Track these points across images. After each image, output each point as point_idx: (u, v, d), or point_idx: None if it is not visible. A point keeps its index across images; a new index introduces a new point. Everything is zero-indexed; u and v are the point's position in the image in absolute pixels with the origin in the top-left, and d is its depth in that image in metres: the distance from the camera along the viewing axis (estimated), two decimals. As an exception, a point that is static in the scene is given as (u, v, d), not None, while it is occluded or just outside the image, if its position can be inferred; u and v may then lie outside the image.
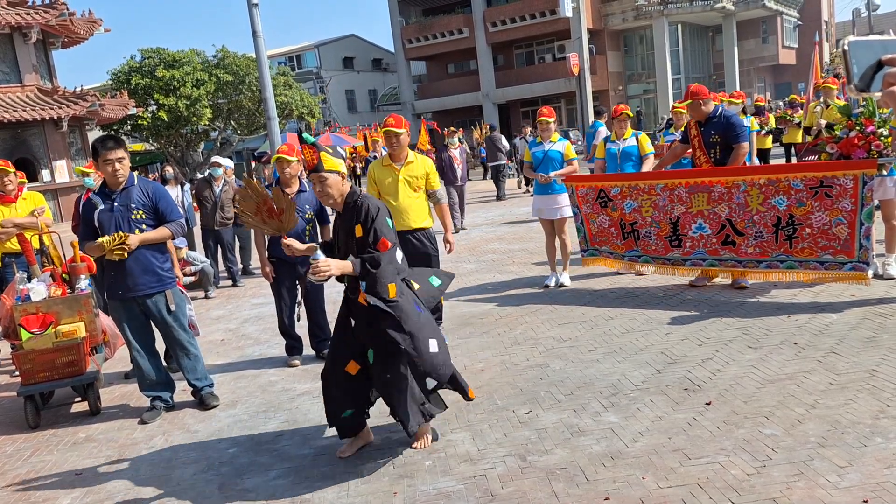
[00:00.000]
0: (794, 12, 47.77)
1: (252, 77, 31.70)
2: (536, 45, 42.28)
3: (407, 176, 5.61)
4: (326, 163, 3.67)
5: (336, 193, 3.72)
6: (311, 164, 3.66)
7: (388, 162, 5.68)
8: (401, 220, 5.44)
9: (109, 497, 3.82)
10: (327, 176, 3.68)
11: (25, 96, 21.90)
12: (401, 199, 5.58)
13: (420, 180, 5.65)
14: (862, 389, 3.97)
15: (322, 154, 3.66)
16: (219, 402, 5.07)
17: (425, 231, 5.67)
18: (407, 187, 5.60)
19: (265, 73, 16.03)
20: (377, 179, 5.70)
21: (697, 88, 6.40)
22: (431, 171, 5.73)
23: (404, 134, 5.54)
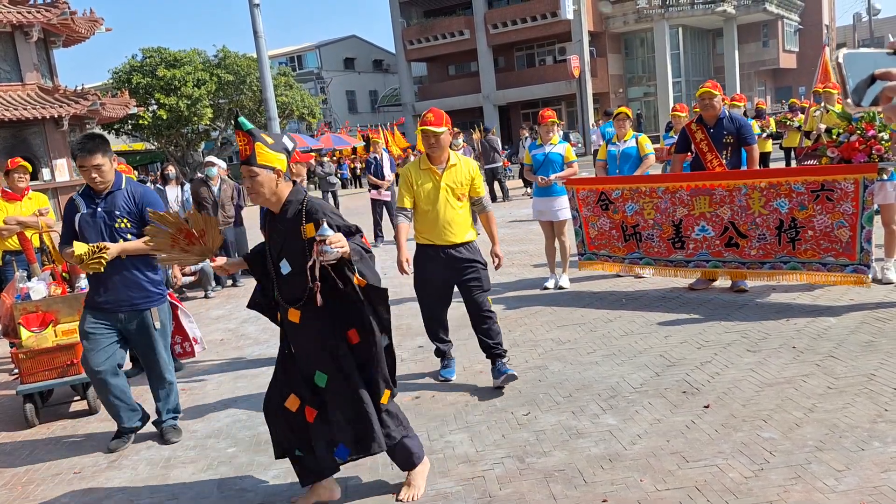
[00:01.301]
0: (794, 16, 47.83)
1: (253, 77, 31.70)
2: (537, 48, 42.31)
3: (450, 182, 4.73)
4: (260, 155, 3.08)
5: (268, 192, 3.14)
6: (242, 154, 3.10)
7: (428, 164, 4.75)
8: (441, 234, 4.70)
9: (108, 496, 3.83)
10: (258, 171, 3.09)
11: (26, 95, 21.90)
12: (442, 209, 4.69)
13: (464, 187, 4.78)
14: (860, 393, 3.98)
15: (257, 144, 3.08)
16: (180, 437, 4.50)
17: (469, 245, 4.80)
18: (450, 195, 4.72)
19: (266, 74, 16.05)
20: (416, 185, 4.76)
21: (715, 84, 6.40)
22: (476, 175, 4.87)
23: (445, 133, 4.64)
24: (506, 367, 4.68)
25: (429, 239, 4.74)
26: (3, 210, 6.32)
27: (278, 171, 3.15)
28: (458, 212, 4.74)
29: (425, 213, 4.74)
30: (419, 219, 4.78)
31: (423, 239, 4.78)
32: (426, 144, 4.67)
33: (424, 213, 4.74)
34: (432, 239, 4.72)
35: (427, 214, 4.73)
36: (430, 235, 4.74)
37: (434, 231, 4.71)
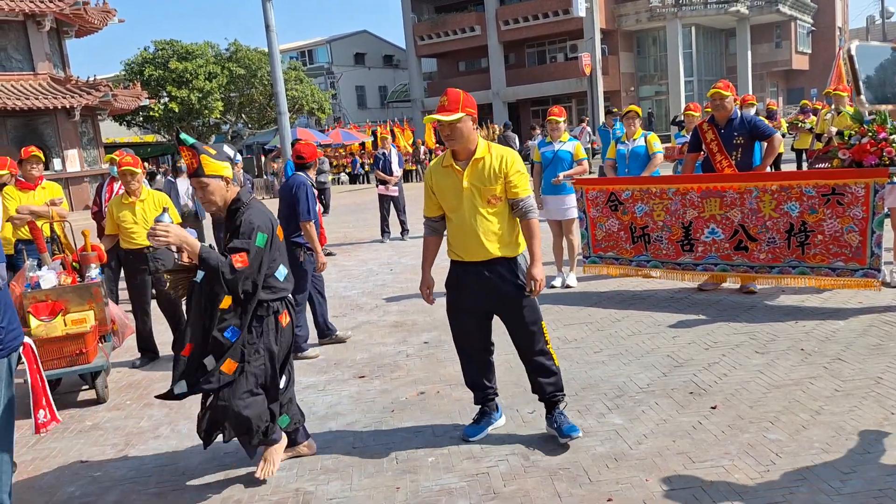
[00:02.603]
0: (808, 18, 47.57)
1: (264, 71, 31.77)
2: (548, 45, 42.22)
3: (475, 181, 3.68)
4: (207, 167, 3.38)
5: (219, 199, 3.46)
6: (190, 168, 3.40)
7: (449, 161, 3.74)
8: (469, 248, 3.72)
9: (115, 485, 3.85)
10: (208, 182, 3.40)
11: (38, 85, 22.00)
12: (467, 215, 3.69)
13: (495, 186, 3.67)
14: (867, 396, 3.97)
15: (203, 157, 3.37)
16: None
17: (510, 262, 3.74)
18: (476, 197, 3.68)
19: (277, 68, 16.08)
20: (436, 188, 3.82)
21: (727, 84, 6.38)
22: (512, 169, 3.68)
23: (462, 120, 3.62)
24: (569, 424, 3.80)
25: (458, 254, 3.80)
26: (17, 199, 6.36)
27: (226, 179, 3.44)
28: (490, 218, 3.69)
29: (450, 222, 3.82)
30: (448, 228, 3.88)
31: (452, 253, 3.85)
32: (442, 136, 3.71)
33: (450, 221, 3.83)
34: (460, 254, 3.78)
35: (452, 223, 3.80)
36: (459, 249, 3.79)
37: (461, 244, 3.76)
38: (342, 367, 5.41)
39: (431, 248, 3.99)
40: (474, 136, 3.69)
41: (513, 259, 3.75)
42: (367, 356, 5.65)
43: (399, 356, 5.60)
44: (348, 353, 5.79)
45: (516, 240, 3.77)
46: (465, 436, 3.97)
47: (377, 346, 5.88)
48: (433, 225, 3.95)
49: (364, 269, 9.53)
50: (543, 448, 3.76)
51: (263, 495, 3.57)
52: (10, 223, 6.36)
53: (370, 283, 8.58)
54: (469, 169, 3.69)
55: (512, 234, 3.75)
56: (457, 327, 3.97)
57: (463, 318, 3.90)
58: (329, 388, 5.02)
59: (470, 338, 3.95)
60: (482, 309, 3.86)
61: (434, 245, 3.98)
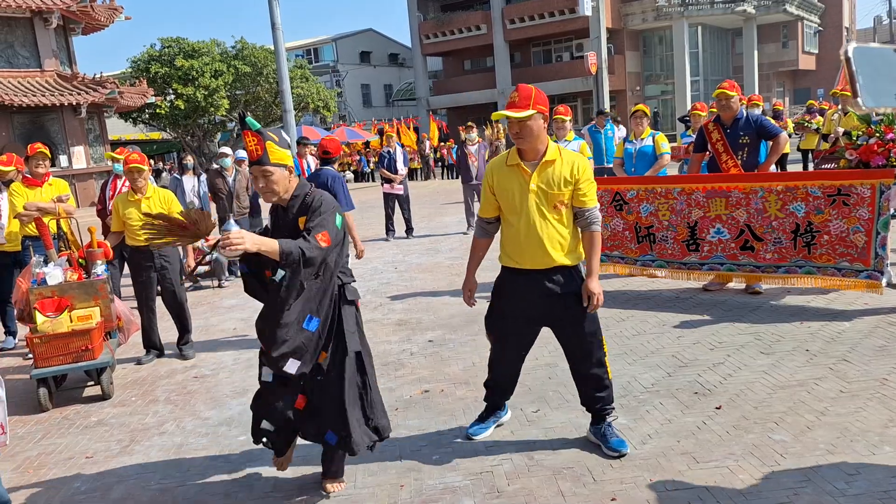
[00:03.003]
0: (815, 18, 47.41)
1: (270, 69, 31.80)
2: (554, 44, 42.14)
3: (542, 184, 3.47)
4: (273, 154, 3.08)
5: (282, 190, 3.15)
6: (253, 155, 3.08)
7: (516, 160, 3.53)
8: (529, 255, 3.52)
9: (120, 481, 3.87)
10: (273, 170, 3.10)
11: (45, 81, 22.06)
12: (530, 221, 3.49)
13: (564, 191, 3.47)
14: (872, 398, 3.96)
15: (268, 144, 3.07)
16: None
17: (569, 271, 3.57)
18: (542, 202, 3.48)
19: (283, 66, 16.10)
20: (498, 188, 3.59)
21: (732, 84, 6.36)
22: (584, 176, 3.50)
23: (532, 117, 3.39)
24: (618, 438, 3.66)
25: (514, 260, 3.60)
26: (24, 196, 6.38)
27: (290, 168, 3.18)
28: (555, 225, 3.49)
29: (509, 225, 3.59)
30: (503, 231, 3.67)
31: (506, 259, 3.66)
32: (510, 134, 3.49)
33: (509, 225, 3.59)
34: (519, 260, 3.58)
35: (511, 227, 3.57)
36: (515, 255, 3.59)
37: (520, 250, 3.54)
38: (347, 364, 5.41)
39: (480, 250, 3.83)
40: (544, 135, 3.49)
41: (574, 268, 3.58)
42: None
43: (403, 354, 5.60)
44: (353, 351, 5.79)
45: (577, 248, 3.58)
46: (470, 434, 3.88)
47: (381, 345, 5.89)
48: (486, 227, 3.77)
49: (369, 268, 9.54)
50: (547, 447, 3.76)
51: (267, 493, 3.58)
52: (17, 220, 6.39)
53: (375, 282, 8.59)
54: (538, 171, 3.47)
55: (574, 243, 3.57)
56: (500, 335, 3.79)
57: (510, 326, 3.72)
58: (333, 385, 5.02)
59: (509, 349, 3.79)
60: (535, 319, 3.68)
61: (483, 247, 3.82)
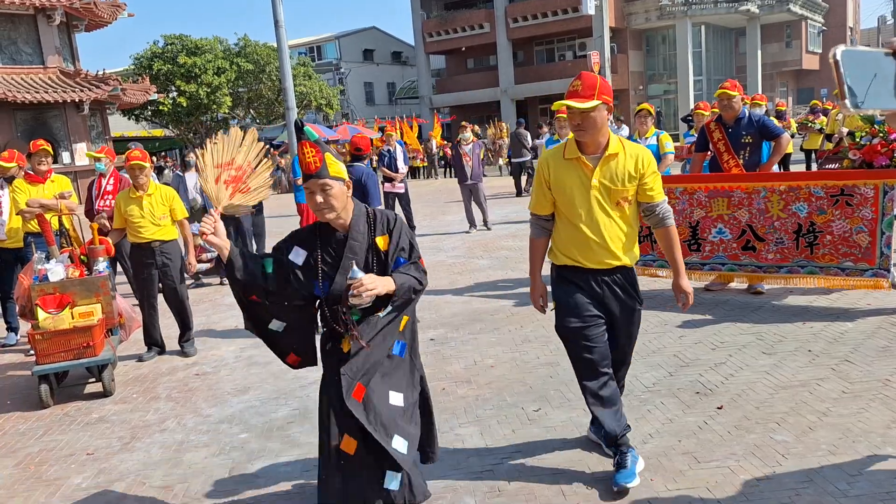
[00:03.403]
0: (818, 18, 47.30)
1: (272, 66, 31.79)
2: (557, 43, 42.10)
3: (605, 179, 3.23)
4: (331, 167, 2.74)
5: (339, 206, 2.76)
6: (311, 168, 2.73)
7: (575, 152, 3.28)
8: (591, 253, 3.28)
9: (120, 478, 3.87)
10: (333, 183, 2.73)
11: (48, 78, 22.06)
12: (594, 217, 3.24)
13: (628, 187, 3.24)
14: (875, 399, 3.95)
15: (327, 155, 2.75)
16: None
17: (628, 272, 3.38)
18: (604, 198, 3.24)
19: (286, 63, 16.08)
20: (555, 183, 3.32)
21: (734, 83, 6.34)
22: (649, 168, 3.27)
23: (596, 108, 3.14)
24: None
25: (574, 259, 3.33)
26: (27, 192, 6.39)
27: (347, 183, 2.83)
28: (617, 222, 3.27)
29: (567, 222, 3.33)
30: (559, 228, 3.40)
31: (563, 258, 3.39)
32: (571, 126, 3.25)
33: (566, 222, 3.34)
34: (581, 259, 3.31)
35: (569, 224, 3.32)
36: (575, 254, 3.33)
37: (581, 247, 3.29)
38: (348, 362, 5.41)
39: (541, 250, 3.52)
40: (607, 127, 3.27)
41: (632, 269, 3.39)
42: (372, 352, 5.65)
43: (405, 353, 5.59)
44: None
45: (634, 248, 3.38)
46: (623, 484, 3.22)
47: (383, 343, 5.88)
48: (544, 224, 3.47)
49: (370, 266, 9.52)
50: (548, 446, 3.75)
51: (268, 489, 3.58)
52: (19, 216, 6.39)
53: (376, 280, 8.58)
54: (601, 165, 3.23)
55: (634, 242, 3.36)
56: (574, 338, 3.37)
57: (582, 325, 3.33)
58: (335, 383, 5.02)
59: (592, 347, 3.34)
60: (596, 313, 3.35)
61: (543, 247, 3.52)
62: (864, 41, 52.85)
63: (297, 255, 2.84)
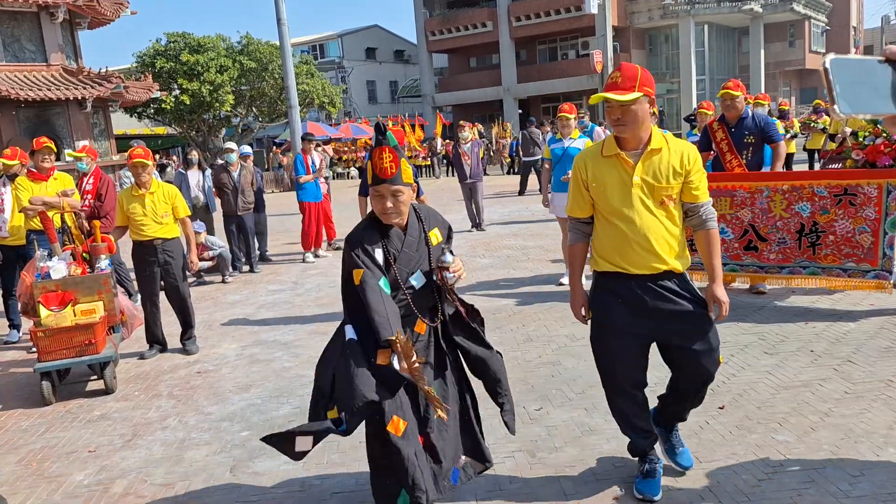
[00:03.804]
0: (822, 17, 47.22)
1: (275, 65, 31.77)
2: (560, 41, 42.08)
3: (648, 176, 2.99)
4: (405, 173, 2.80)
5: (406, 209, 2.85)
6: (387, 173, 2.74)
7: (614, 149, 3.05)
8: (634, 257, 3.02)
9: (122, 475, 3.87)
10: (404, 190, 2.79)
11: (50, 76, 22.08)
12: (636, 218, 2.98)
13: (672, 184, 3.00)
14: (877, 399, 3.94)
15: (402, 161, 2.80)
16: None
17: (680, 278, 3.09)
18: (647, 196, 2.99)
19: (288, 61, 16.10)
20: (593, 182, 3.09)
21: (737, 83, 6.33)
22: (695, 165, 3.05)
23: (637, 100, 2.93)
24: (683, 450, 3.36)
25: (615, 264, 3.07)
26: (29, 190, 6.39)
27: (414, 187, 2.97)
28: (663, 222, 3.01)
29: (607, 224, 3.08)
30: (599, 231, 3.15)
31: (604, 263, 3.12)
32: (610, 121, 3.02)
33: (606, 224, 3.08)
34: (624, 264, 3.05)
35: (609, 225, 3.07)
36: (616, 259, 3.06)
37: (624, 251, 3.03)
38: (349, 361, 5.41)
39: (580, 256, 3.29)
40: (649, 121, 3.02)
41: (683, 274, 3.10)
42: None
43: (406, 351, 5.59)
44: (356, 347, 5.79)
45: (685, 252, 3.11)
46: (647, 496, 3.15)
47: (385, 341, 5.88)
48: (584, 228, 3.22)
49: (372, 264, 9.52)
50: (550, 445, 3.75)
51: (270, 488, 3.59)
52: (22, 213, 6.40)
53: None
54: (642, 161, 2.99)
55: (683, 244, 3.09)
56: (606, 354, 3.21)
57: (617, 342, 3.14)
58: (336, 382, 5.02)
59: (625, 367, 3.18)
60: (644, 332, 3.12)
61: (583, 253, 3.28)
62: (867, 41, 52.77)
63: (379, 256, 2.83)
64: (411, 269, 2.88)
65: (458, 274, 2.88)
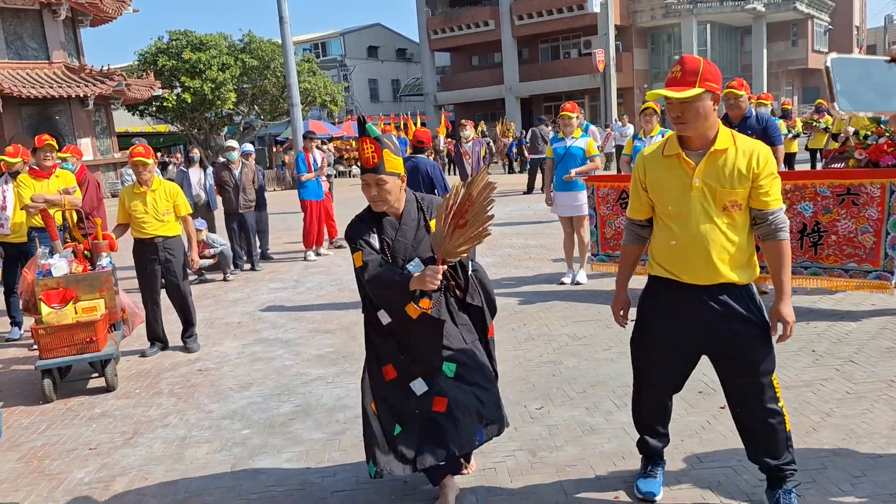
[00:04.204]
0: (825, 16, 47.15)
1: (277, 63, 31.79)
2: (562, 40, 42.05)
3: (710, 179, 2.76)
4: (389, 163, 2.94)
5: (393, 199, 2.99)
6: (369, 163, 2.93)
7: (676, 149, 2.84)
8: (691, 265, 2.82)
9: (123, 472, 3.87)
10: (388, 179, 2.94)
11: (53, 73, 22.09)
12: (694, 223, 2.78)
13: (737, 189, 2.74)
14: (879, 399, 3.94)
15: (385, 152, 2.93)
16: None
17: (742, 291, 2.85)
18: (708, 201, 2.77)
19: (290, 60, 16.09)
20: (651, 183, 2.92)
21: (741, 82, 6.31)
22: (766, 168, 2.73)
23: (698, 97, 2.71)
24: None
25: (669, 271, 2.90)
26: (31, 187, 6.39)
27: (403, 178, 3.04)
28: (725, 231, 2.77)
29: (664, 228, 2.91)
30: (656, 234, 2.98)
31: (658, 268, 2.96)
32: (671, 119, 2.83)
33: (663, 227, 2.91)
34: (677, 272, 2.87)
35: (665, 229, 2.89)
36: (672, 266, 2.89)
37: (680, 259, 2.85)
38: (351, 359, 5.41)
39: (632, 259, 3.16)
40: (714, 118, 2.79)
41: (746, 287, 2.86)
42: (375, 349, 5.65)
43: (407, 350, 5.58)
44: (358, 345, 5.79)
45: (750, 263, 2.86)
46: (648, 495, 3.11)
47: (386, 340, 5.87)
48: (639, 231, 3.08)
49: (374, 263, 9.52)
50: (551, 445, 3.75)
51: (270, 486, 3.58)
52: (23, 211, 6.40)
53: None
54: (704, 163, 2.76)
55: (748, 255, 2.85)
56: (645, 359, 3.09)
57: (660, 351, 3.00)
58: (337, 380, 5.02)
59: (661, 377, 3.06)
60: (692, 347, 2.95)
61: (635, 256, 3.15)
62: (870, 40, 52.69)
63: (374, 242, 3.04)
64: (407, 256, 3.03)
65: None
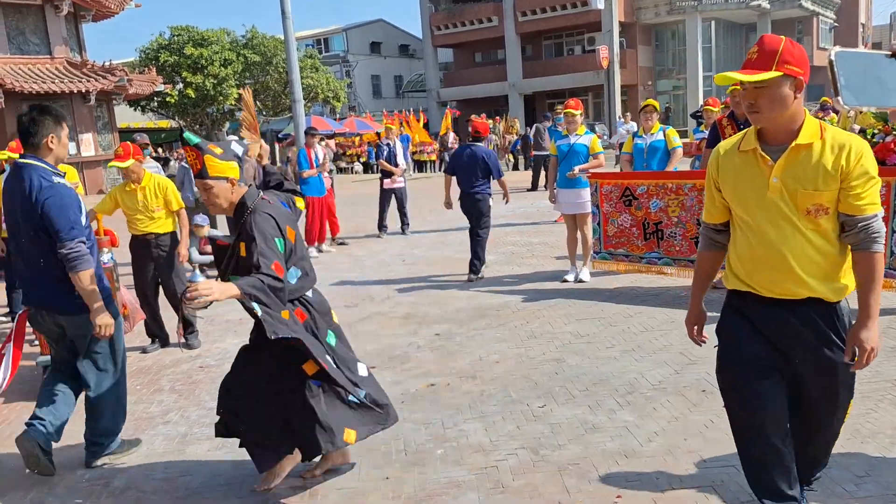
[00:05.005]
0: (830, 14, 47.01)
1: (279, 58, 31.78)
2: (566, 37, 41.97)
3: (790, 179, 2.38)
4: (212, 168, 3.18)
5: (224, 202, 3.26)
6: (194, 169, 3.23)
7: (753, 143, 2.45)
8: (769, 276, 2.47)
9: (124, 470, 3.86)
10: (213, 184, 3.20)
11: (55, 68, 22.07)
12: (771, 228, 2.43)
13: (823, 191, 2.36)
14: (883, 399, 3.92)
15: (207, 157, 3.17)
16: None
17: (831, 309, 2.50)
18: (788, 204, 2.39)
19: (292, 55, 16.03)
20: (725, 181, 2.55)
21: None
22: (857, 166, 2.34)
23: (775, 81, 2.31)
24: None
25: (744, 282, 2.57)
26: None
27: (231, 180, 3.25)
28: (809, 237, 2.41)
29: (742, 234, 2.55)
30: (734, 241, 2.61)
31: (734, 280, 2.63)
32: (744, 107, 2.45)
33: (739, 233, 2.56)
34: (752, 284, 2.54)
35: (742, 236, 2.55)
36: (748, 276, 2.55)
37: (756, 268, 2.50)
38: (352, 356, 5.39)
39: (705, 267, 2.81)
40: (798, 109, 2.40)
41: (835, 305, 2.48)
42: (377, 347, 5.64)
43: (410, 348, 5.58)
44: (359, 343, 5.76)
45: (841, 277, 2.46)
46: None
47: (388, 338, 5.87)
48: (715, 236, 2.71)
49: (376, 260, 9.52)
50: (553, 443, 3.73)
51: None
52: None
53: (382, 274, 8.57)
54: (784, 159, 2.37)
55: (839, 267, 2.46)
56: (736, 392, 2.64)
57: (746, 378, 2.59)
58: (338, 377, 5.00)
59: (761, 406, 2.55)
60: (769, 367, 2.56)
61: (709, 263, 2.80)
62: (875, 38, 52.51)
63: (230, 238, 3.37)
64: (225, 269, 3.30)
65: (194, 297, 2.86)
